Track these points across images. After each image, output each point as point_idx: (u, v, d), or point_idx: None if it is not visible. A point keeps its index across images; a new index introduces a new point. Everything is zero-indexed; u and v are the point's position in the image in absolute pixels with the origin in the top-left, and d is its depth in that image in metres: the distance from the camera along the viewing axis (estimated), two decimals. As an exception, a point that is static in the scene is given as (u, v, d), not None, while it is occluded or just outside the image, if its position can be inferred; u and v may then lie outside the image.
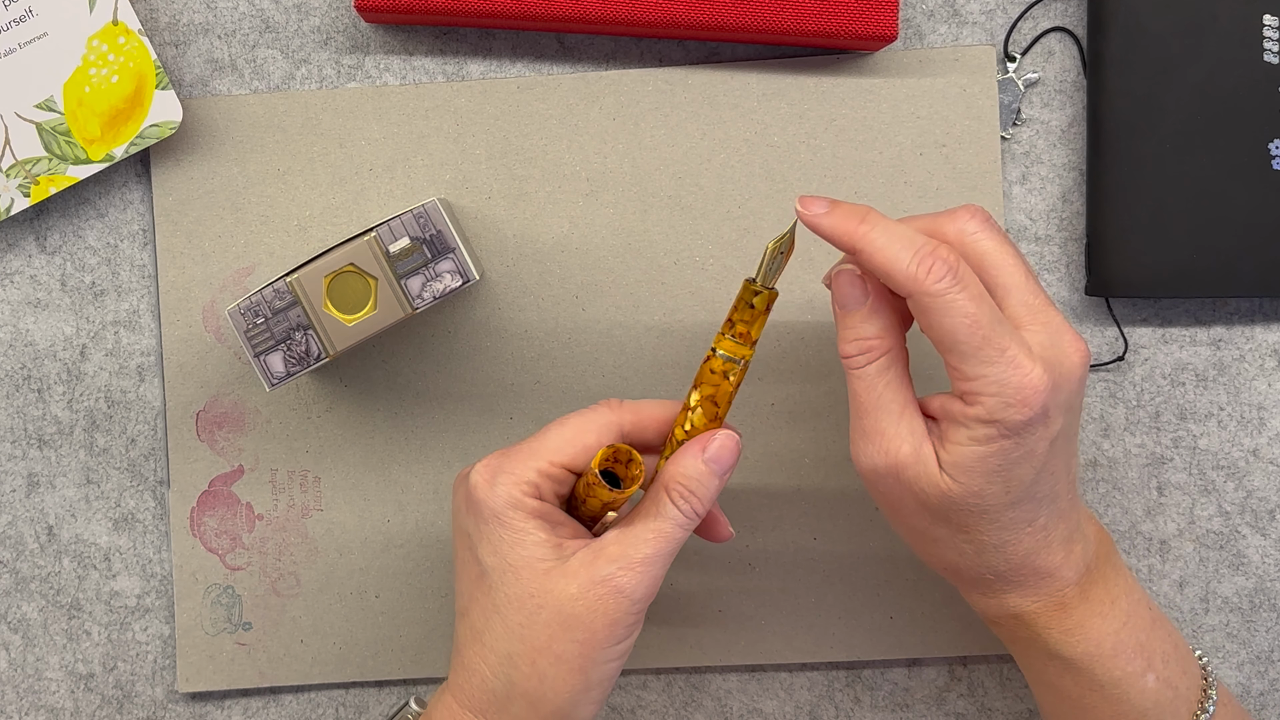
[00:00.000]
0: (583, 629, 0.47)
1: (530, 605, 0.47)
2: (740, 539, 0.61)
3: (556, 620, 0.47)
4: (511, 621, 0.47)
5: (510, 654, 0.48)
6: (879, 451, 0.47)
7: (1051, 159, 0.60)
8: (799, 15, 0.57)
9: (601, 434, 0.49)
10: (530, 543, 0.48)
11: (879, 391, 0.48)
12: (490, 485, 0.48)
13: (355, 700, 0.62)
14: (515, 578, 0.47)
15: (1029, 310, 0.47)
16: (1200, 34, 0.57)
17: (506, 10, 0.57)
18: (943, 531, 0.48)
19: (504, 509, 0.48)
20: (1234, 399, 0.60)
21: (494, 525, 0.48)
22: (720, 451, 0.49)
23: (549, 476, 0.49)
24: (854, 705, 0.62)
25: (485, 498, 0.48)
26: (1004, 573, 0.49)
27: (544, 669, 0.47)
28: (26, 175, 0.59)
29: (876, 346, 0.48)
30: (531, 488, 0.48)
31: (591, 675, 0.48)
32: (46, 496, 0.61)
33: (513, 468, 0.48)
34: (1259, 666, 0.61)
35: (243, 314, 0.52)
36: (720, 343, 0.49)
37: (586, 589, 0.47)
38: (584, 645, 0.47)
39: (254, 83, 0.60)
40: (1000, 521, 0.47)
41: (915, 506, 0.48)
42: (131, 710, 0.62)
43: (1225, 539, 0.61)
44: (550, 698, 0.47)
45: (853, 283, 0.48)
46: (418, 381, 0.61)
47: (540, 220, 0.60)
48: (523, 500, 0.48)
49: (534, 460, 0.49)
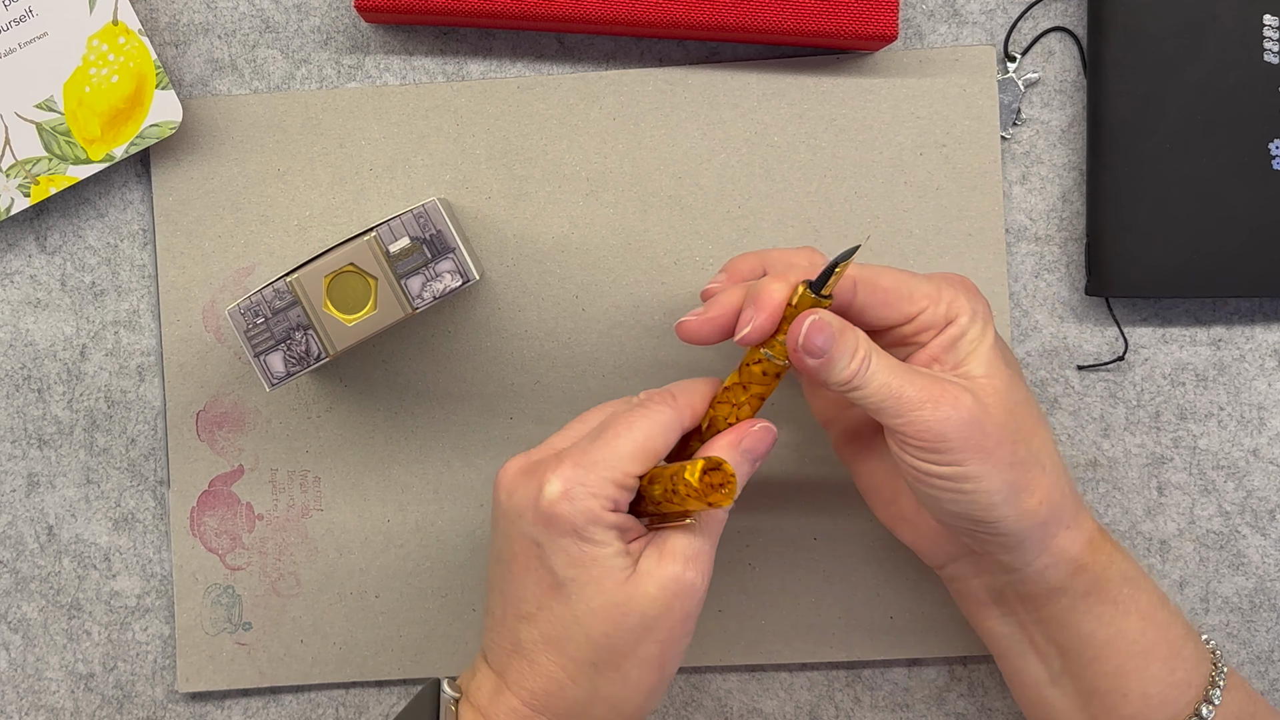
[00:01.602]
0: (664, 629, 0.48)
1: (615, 615, 0.48)
2: (740, 539, 0.61)
3: (640, 625, 0.48)
4: (596, 632, 0.48)
5: (595, 663, 0.48)
6: (950, 409, 0.47)
7: (1051, 159, 0.60)
8: (799, 15, 0.57)
9: (669, 437, 0.49)
10: (609, 554, 0.48)
11: (893, 374, 0.48)
12: (570, 500, 0.48)
13: (355, 700, 0.62)
14: (598, 589, 0.48)
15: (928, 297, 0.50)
16: (1200, 34, 0.57)
17: (506, 10, 0.57)
18: (1020, 452, 0.49)
19: (585, 525, 0.48)
20: (1234, 399, 0.60)
21: (572, 539, 0.48)
22: (757, 444, 0.50)
23: (624, 487, 0.48)
24: (854, 705, 0.62)
25: (566, 513, 0.47)
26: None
27: (628, 672, 0.48)
28: (26, 175, 0.59)
29: (863, 345, 0.48)
30: (611, 502, 0.48)
31: (668, 669, 0.49)
32: (46, 496, 0.61)
33: (590, 481, 0.48)
34: (1259, 666, 0.61)
35: (243, 314, 0.52)
36: (773, 347, 0.49)
37: (663, 588, 0.48)
38: (664, 644, 0.48)
39: (254, 83, 0.60)
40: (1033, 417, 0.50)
41: (998, 436, 0.48)
42: (131, 710, 0.62)
43: (1225, 539, 0.61)
44: (633, 697, 0.49)
45: (820, 330, 0.47)
46: (418, 381, 0.61)
47: (540, 220, 0.60)
48: (603, 515, 0.48)
49: (610, 472, 0.48)
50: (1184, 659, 0.51)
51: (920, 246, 0.60)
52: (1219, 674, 0.51)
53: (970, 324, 0.49)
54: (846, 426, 0.56)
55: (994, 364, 0.49)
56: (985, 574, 0.52)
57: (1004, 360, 0.50)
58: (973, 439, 0.47)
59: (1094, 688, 0.51)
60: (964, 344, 0.49)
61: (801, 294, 0.48)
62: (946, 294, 0.50)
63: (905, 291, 0.49)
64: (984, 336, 0.49)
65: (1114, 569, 0.51)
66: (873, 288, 0.49)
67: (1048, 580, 0.50)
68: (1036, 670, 0.53)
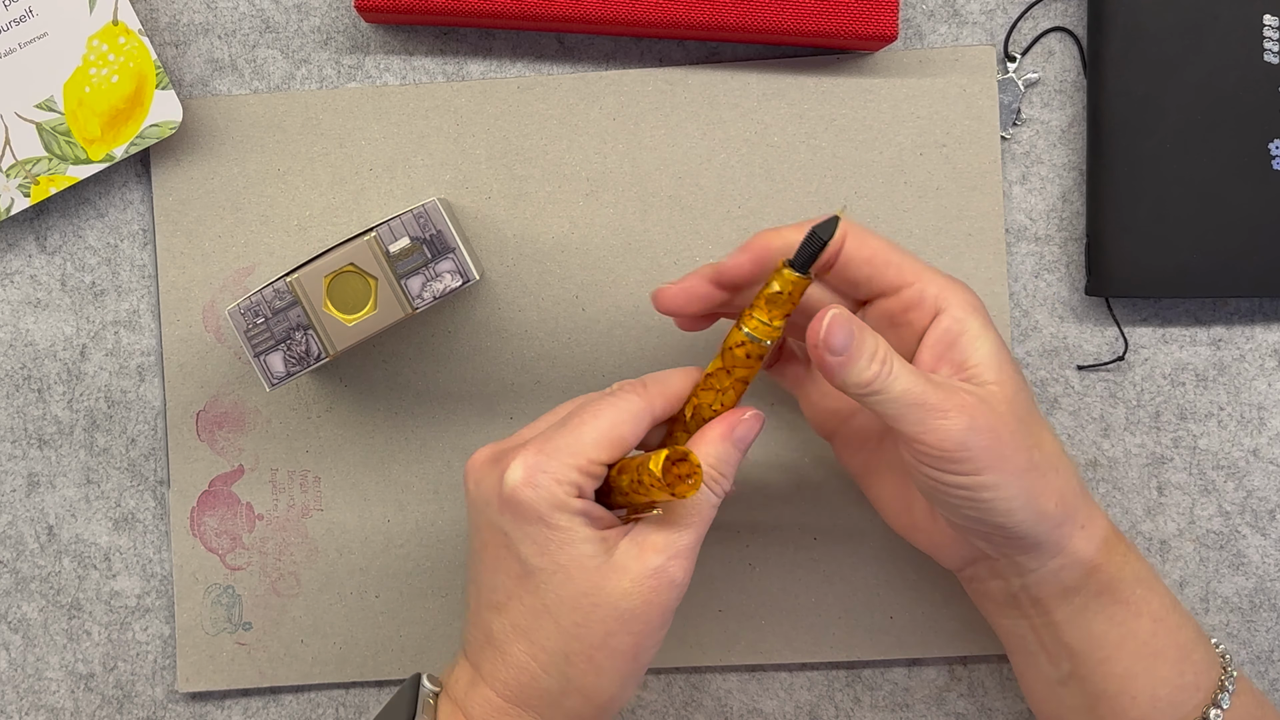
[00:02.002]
0: (639, 621, 0.47)
1: (585, 604, 0.47)
2: (740, 539, 0.61)
3: (613, 617, 0.47)
4: (565, 621, 0.47)
5: (566, 653, 0.48)
6: (970, 417, 0.46)
7: (1051, 159, 0.60)
8: (799, 15, 0.57)
9: (637, 425, 0.49)
10: (578, 540, 0.47)
11: (915, 380, 0.47)
12: (532, 486, 0.47)
13: (355, 700, 0.62)
14: (566, 578, 0.47)
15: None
16: (1200, 34, 0.57)
17: (506, 10, 0.57)
18: (1041, 440, 0.49)
19: (549, 511, 0.47)
20: (1234, 399, 0.60)
21: (538, 526, 0.47)
22: (747, 433, 0.49)
23: (589, 474, 0.48)
24: (854, 705, 0.62)
25: (528, 499, 0.47)
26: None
27: (600, 663, 0.48)
28: (26, 175, 0.59)
29: (883, 347, 0.47)
30: (574, 488, 0.48)
31: (642, 660, 0.48)
32: (46, 496, 0.61)
33: (553, 468, 0.47)
34: (1259, 666, 0.61)
35: (243, 314, 0.52)
36: (757, 328, 0.48)
37: (639, 582, 0.47)
38: (639, 636, 0.47)
39: (254, 83, 0.60)
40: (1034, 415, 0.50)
41: (1013, 443, 0.48)
42: (131, 710, 0.62)
43: (1225, 539, 0.61)
44: (605, 687, 0.48)
45: (843, 326, 0.46)
46: (418, 381, 0.61)
47: (540, 220, 0.60)
48: (568, 501, 0.47)
49: (574, 459, 0.47)
50: (1194, 662, 0.51)
51: (920, 247, 0.60)
52: (1228, 678, 0.51)
53: (967, 318, 0.49)
54: (850, 438, 0.55)
55: (1003, 368, 0.49)
56: (1000, 576, 0.52)
57: (1010, 363, 0.49)
58: (991, 448, 0.47)
59: (1103, 689, 0.51)
60: (965, 342, 0.49)
61: (783, 272, 0.47)
62: (937, 280, 0.49)
63: (892, 259, 0.49)
64: (985, 334, 0.49)
65: (1128, 570, 0.51)
66: (860, 242, 0.49)
67: (1062, 580, 0.50)
68: (1047, 670, 0.53)
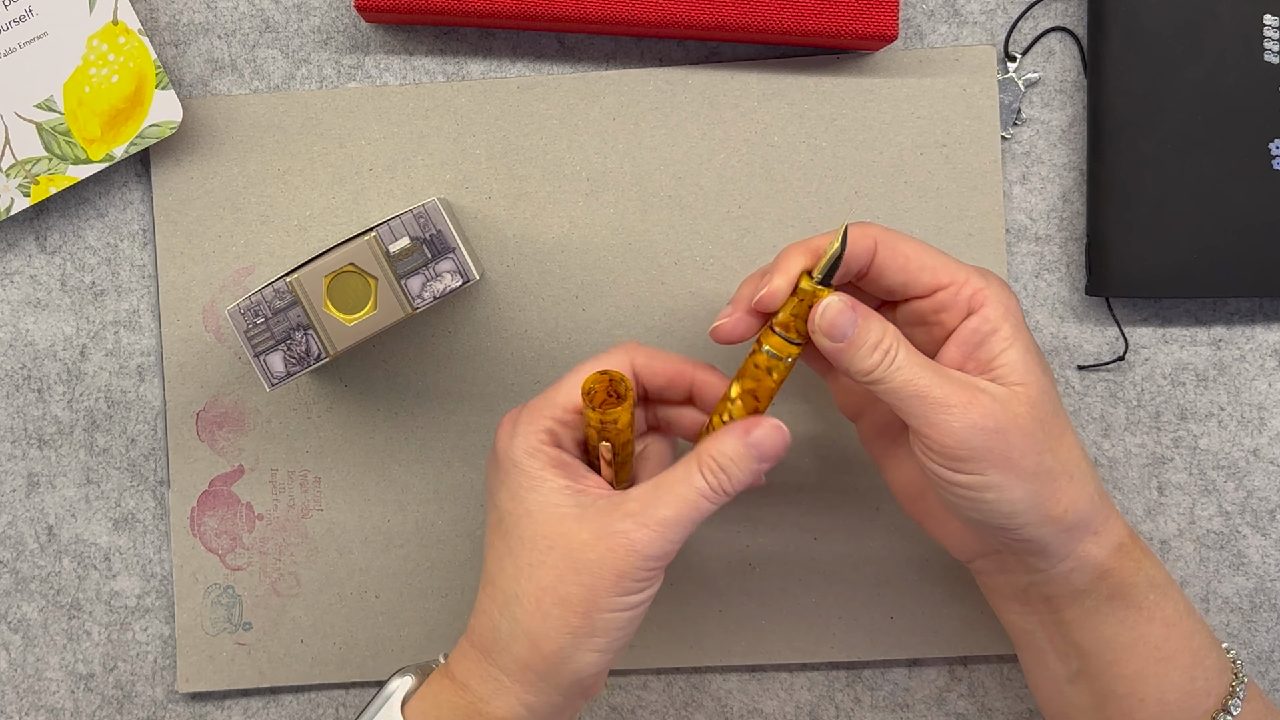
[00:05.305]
0: (590, 574, 0.47)
1: (542, 545, 0.48)
2: (740, 539, 0.61)
3: (565, 562, 0.47)
4: (521, 562, 0.48)
5: (517, 594, 0.48)
6: (977, 416, 0.46)
7: (1051, 159, 0.60)
8: (799, 15, 0.57)
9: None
10: (546, 489, 0.49)
11: (919, 372, 0.47)
12: (510, 436, 0.50)
13: (355, 700, 0.62)
14: (530, 521, 0.48)
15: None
16: (1200, 34, 0.57)
17: (507, 10, 0.57)
18: (1049, 451, 0.49)
19: (521, 457, 0.49)
20: (1234, 399, 0.60)
21: (512, 473, 0.49)
22: (764, 439, 0.49)
23: (565, 424, 0.50)
24: (854, 705, 0.62)
25: (505, 448, 0.50)
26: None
27: (548, 608, 0.48)
28: (26, 175, 0.59)
29: (889, 338, 0.47)
30: (548, 435, 0.50)
31: (596, 621, 0.47)
32: (46, 496, 0.61)
33: (530, 418, 0.50)
34: (1259, 666, 0.61)
35: (243, 314, 0.52)
36: (768, 339, 0.49)
37: (599, 537, 0.47)
38: (589, 590, 0.47)
39: (254, 83, 0.60)
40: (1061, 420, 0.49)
41: (1024, 446, 0.47)
42: (131, 710, 0.62)
43: (1225, 539, 0.61)
44: (552, 636, 0.48)
45: (841, 314, 0.47)
46: (418, 381, 0.61)
47: (540, 220, 0.60)
48: (540, 449, 0.49)
49: (550, 409, 0.50)
50: (1205, 668, 0.51)
51: (920, 246, 0.60)
52: (1239, 684, 0.51)
53: (1001, 321, 0.48)
54: (874, 420, 0.55)
55: (1030, 370, 0.48)
56: (1010, 572, 0.52)
57: (1040, 366, 0.49)
58: (997, 449, 0.46)
59: (1112, 690, 0.51)
60: (995, 342, 0.48)
61: (805, 285, 0.48)
62: (974, 281, 0.49)
63: (926, 263, 0.49)
64: (1016, 337, 0.48)
65: (1141, 575, 0.50)
66: (892, 250, 0.49)
67: (1072, 583, 0.50)
68: (1055, 667, 0.52)
